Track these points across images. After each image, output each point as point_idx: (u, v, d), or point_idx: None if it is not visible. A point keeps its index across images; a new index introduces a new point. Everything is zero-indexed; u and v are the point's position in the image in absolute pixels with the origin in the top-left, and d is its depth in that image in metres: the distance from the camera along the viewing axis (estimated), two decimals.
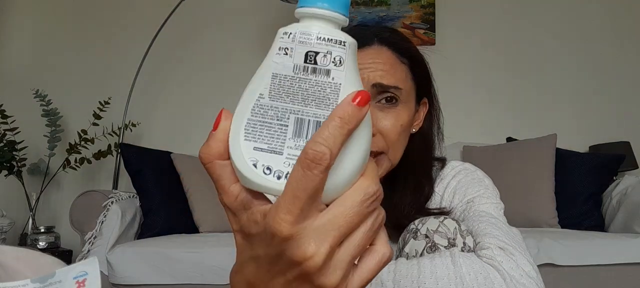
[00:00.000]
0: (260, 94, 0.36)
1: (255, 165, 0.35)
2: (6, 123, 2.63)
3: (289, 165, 0.35)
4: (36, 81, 2.92)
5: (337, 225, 0.34)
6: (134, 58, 2.78)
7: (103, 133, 2.79)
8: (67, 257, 2.47)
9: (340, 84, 0.36)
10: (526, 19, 2.99)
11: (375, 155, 0.80)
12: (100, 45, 3.06)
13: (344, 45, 0.36)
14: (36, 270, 0.37)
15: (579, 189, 2.36)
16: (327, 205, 0.35)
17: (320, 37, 0.36)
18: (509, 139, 2.74)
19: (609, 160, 2.45)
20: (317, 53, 0.36)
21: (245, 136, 0.36)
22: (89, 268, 0.35)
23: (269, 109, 0.36)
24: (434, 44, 2.96)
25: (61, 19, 3.09)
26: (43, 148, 2.80)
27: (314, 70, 0.36)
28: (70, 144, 2.73)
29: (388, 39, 0.84)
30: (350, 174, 0.35)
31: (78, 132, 2.74)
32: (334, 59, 0.36)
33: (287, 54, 0.36)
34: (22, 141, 2.67)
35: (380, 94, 0.81)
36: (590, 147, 2.79)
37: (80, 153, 2.75)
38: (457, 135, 2.68)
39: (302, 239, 0.33)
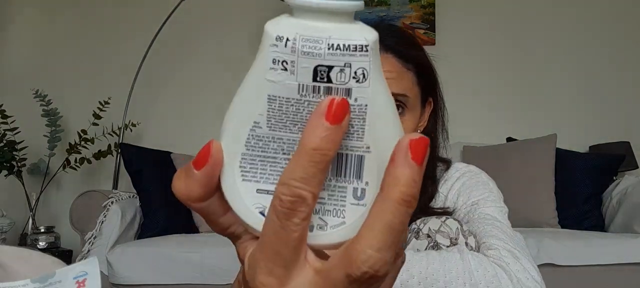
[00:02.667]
0: (256, 122, 0.27)
1: (262, 213, 0.28)
2: (6, 123, 2.63)
3: None
4: (36, 81, 2.91)
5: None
6: (134, 58, 2.78)
7: (103, 133, 2.78)
8: (67, 257, 2.47)
9: (365, 105, 0.26)
10: (526, 19, 2.99)
11: None
12: (100, 45, 3.05)
13: (366, 50, 0.26)
14: (36, 270, 0.37)
15: (579, 189, 2.36)
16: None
17: (332, 45, 0.25)
18: (509, 139, 2.74)
19: (609, 160, 2.45)
20: (330, 68, 0.26)
21: (242, 176, 0.28)
22: (89, 268, 0.35)
23: (270, 141, 0.27)
24: (434, 44, 2.95)
25: (61, 19, 3.09)
26: (43, 148, 2.79)
27: (329, 90, 0.26)
28: (70, 144, 2.73)
29: (393, 47, 0.82)
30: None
31: (78, 132, 2.74)
32: (355, 73, 0.26)
33: (286, 69, 0.26)
34: (22, 141, 2.67)
35: None
36: (590, 147, 2.79)
37: (80, 153, 2.75)
38: (457, 135, 2.67)
39: None
